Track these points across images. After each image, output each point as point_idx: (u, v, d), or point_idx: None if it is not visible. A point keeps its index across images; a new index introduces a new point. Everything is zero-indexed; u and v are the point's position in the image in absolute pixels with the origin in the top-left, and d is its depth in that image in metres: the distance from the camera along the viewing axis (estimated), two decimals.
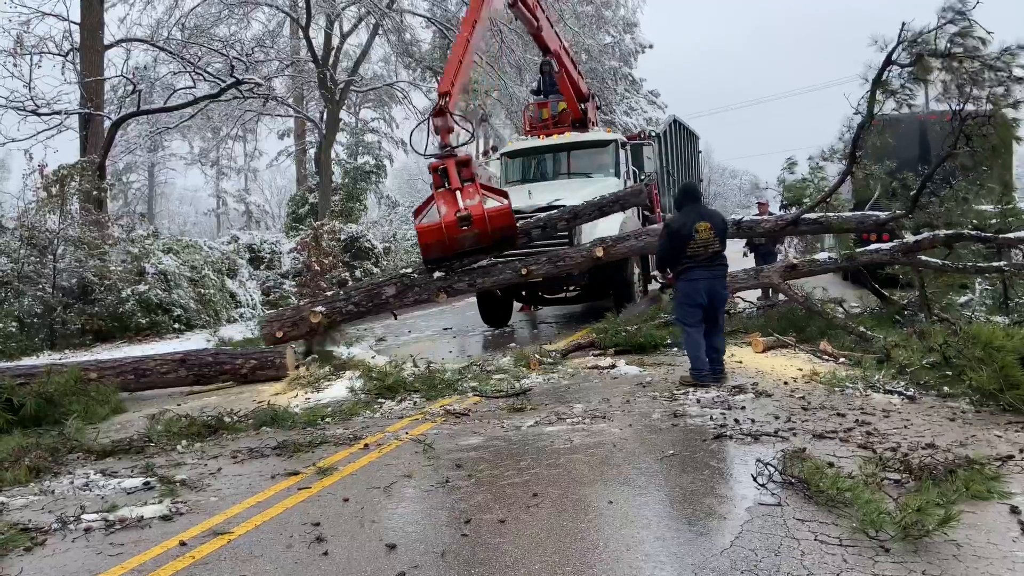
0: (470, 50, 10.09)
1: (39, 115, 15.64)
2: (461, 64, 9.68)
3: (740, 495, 4.02)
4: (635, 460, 4.76)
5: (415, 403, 6.90)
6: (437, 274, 9.14)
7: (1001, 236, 8.03)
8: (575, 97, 13.61)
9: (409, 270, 9.58)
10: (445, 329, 13.21)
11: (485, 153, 34.71)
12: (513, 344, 10.24)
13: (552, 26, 13.17)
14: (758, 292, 12.58)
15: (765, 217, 11.89)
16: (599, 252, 9.23)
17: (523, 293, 12.64)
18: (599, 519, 3.82)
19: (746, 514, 3.75)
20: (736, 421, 5.46)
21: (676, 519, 3.77)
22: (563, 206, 10.85)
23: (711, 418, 5.60)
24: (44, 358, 10.93)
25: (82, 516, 4.28)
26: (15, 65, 15.36)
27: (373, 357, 8.89)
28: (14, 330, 12.01)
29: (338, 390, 7.49)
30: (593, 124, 13.54)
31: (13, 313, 12.35)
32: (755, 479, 4.15)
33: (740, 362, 7.72)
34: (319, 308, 8.89)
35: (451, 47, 9.88)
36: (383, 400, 7.04)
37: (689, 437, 5.16)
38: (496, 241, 8.72)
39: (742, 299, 10.72)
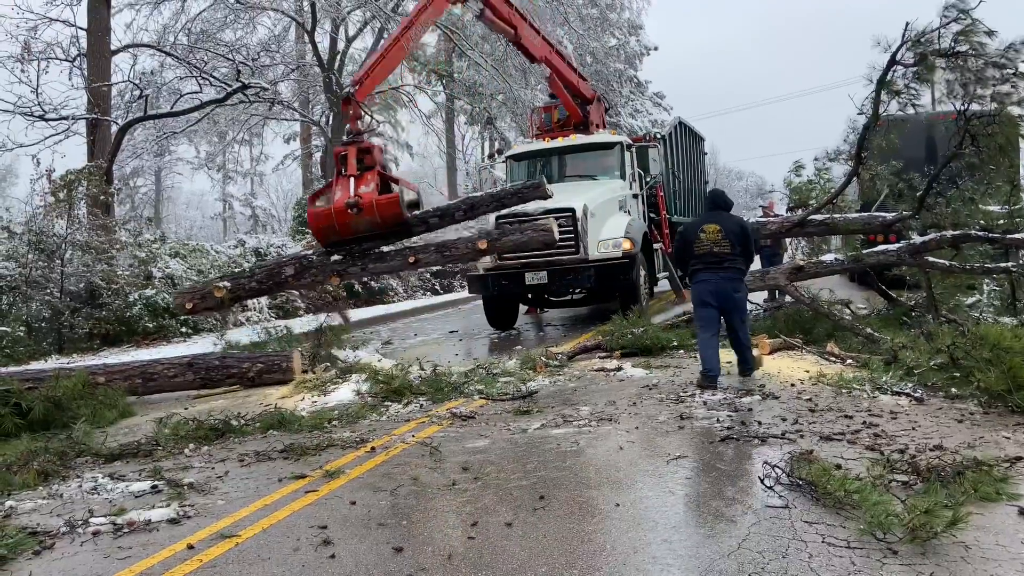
0: (397, 50, 10.21)
1: (46, 120, 15.74)
2: (383, 60, 9.82)
3: (747, 497, 4.01)
4: (641, 462, 4.76)
5: (421, 406, 6.91)
6: (335, 257, 9.25)
7: (1009, 236, 8.00)
8: (576, 99, 13.61)
9: (309, 252, 9.72)
10: (451, 332, 13.22)
11: (490, 156, 34.76)
12: (519, 347, 10.24)
13: (538, 31, 12.75)
14: (764, 294, 12.58)
15: (771, 219, 11.89)
16: (482, 245, 9.30)
17: (529, 296, 12.64)
18: (606, 522, 3.81)
19: (753, 516, 3.74)
20: (743, 423, 5.45)
21: (683, 522, 3.76)
22: (571, 209, 10.88)
23: (718, 420, 5.59)
24: (52, 362, 10.98)
25: (90, 520, 4.30)
26: (23, 71, 15.47)
27: (379, 360, 8.90)
28: (22, 334, 12.06)
29: (344, 393, 7.50)
30: (599, 127, 13.53)
31: (21, 318, 12.41)
32: (762, 481, 4.14)
33: None
34: (224, 283, 9.29)
35: (384, 49, 10.12)
36: (389, 403, 7.05)
37: (696, 439, 5.15)
38: (390, 229, 8.83)
39: (748, 301, 10.69)
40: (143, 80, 18.15)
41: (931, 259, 8.52)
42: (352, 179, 8.68)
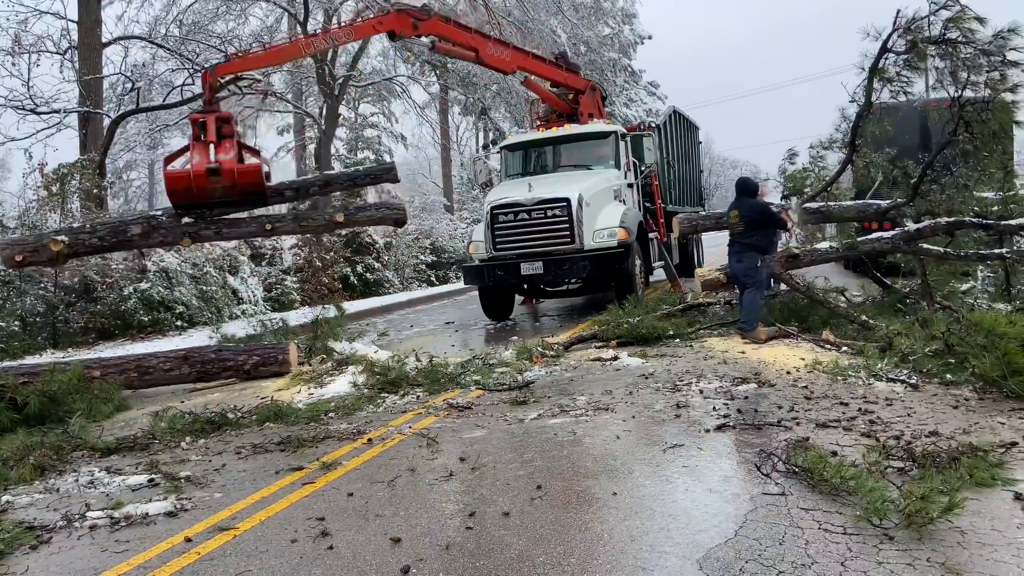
0: (292, 49, 10.51)
1: (38, 114, 15.63)
2: (269, 52, 10.10)
3: (744, 485, 4.02)
4: (638, 451, 4.77)
5: (418, 397, 6.91)
6: (186, 219, 9.25)
7: (1003, 223, 8.00)
8: (569, 92, 13.57)
9: (159, 212, 9.67)
10: (447, 323, 13.22)
11: (485, 147, 34.68)
12: (515, 337, 10.23)
13: (501, 42, 12.56)
14: None
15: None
16: (340, 217, 9.48)
17: (525, 286, 12.64)
18: (603, 510, 3.82)
19: (750, 504, 3.75)
20: (739, 411, 5.46)
21: (680, 510, 3.77)
22: (566, 198, 10.86)
23: (714, 408, 5.60)
24: (47, 357, 10.94)
25: (87, 514, 4.30)
26: (13, 64, 15.36)
27: (375, 352, 8.89)
28: (17, 329, 12.01)
29: (341, 385, 7.49)
30: (594, 116, 13.49)
31: (15, 312, 12.35)
32: (759, 469, 4.15)
33: (743, 352, 7.71)
34: (61, 237, 8.96)
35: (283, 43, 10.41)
36: (386, 395, 7.05)
37: (692, 428, 5.16)
38: (246, 196, 8.97)
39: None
40: (135, 72, 18.02)
41: (926, 246, 8.52)
42: (212, 145, 8.78)
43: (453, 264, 24.39)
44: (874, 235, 9.59)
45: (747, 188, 8.60)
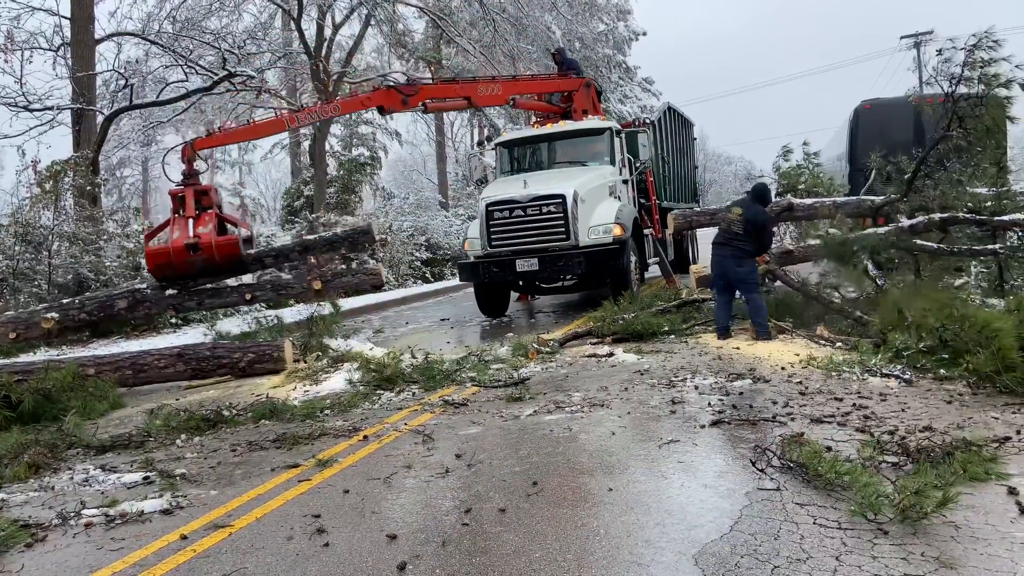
0: (273, 124, 10.74)
1: (31, 111, 15.54)
2: (249, 129, 10.43)
3: (739, 480, 4.03)
4: (634, 447, 4.78)
5: (414, 394, 6.91)
6: (169, 291, 9.56)
7: (996, 219, 8.03)
8: (562, 94, 13.67)
9: (143, 285, 10.02)
10: (442, 320, 13.21)
11: (480, 143, 34.62)
12: (511, 334, 10.24)
13: (490, 81, 12.87)
14: None
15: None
16: (317, 285, 9.64)
17: (520, 283, 12.63)
18: (599, 507, 3.83)
19: (745, 499, 3.77)
20: (734, 407, 5.48)
21: (676, 505, 3.78)
22: (561, 195, 10.86)
23: (709, 404, 5.62)
24: (41, 354, 10.89)
25: (82, 511, 4.29)
26: (6, 61, 15.29)
27: (371, 349, 8.88)
28: None
29: (337, 382, 7.49)
30: (588, 113, 13.49)
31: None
32: (754, 464, 4.16)
33: (737, 348, 7.73)
34: (52, 315, 9.41)
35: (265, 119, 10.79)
36: (382, 391, 7.05)
37: (688, 424, 5.17)
38: (226, 267, 9.25)
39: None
40: (128, 69, 17.92)
41: (920, 242, 8.55)
42: (190, 220, 9.06)
43: (448, 261, 24.36)
44: (868, 231, 9.62)
45: (762, 196, 8.45)
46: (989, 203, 8.45)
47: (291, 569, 3.38)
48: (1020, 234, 8.42)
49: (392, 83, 11.44)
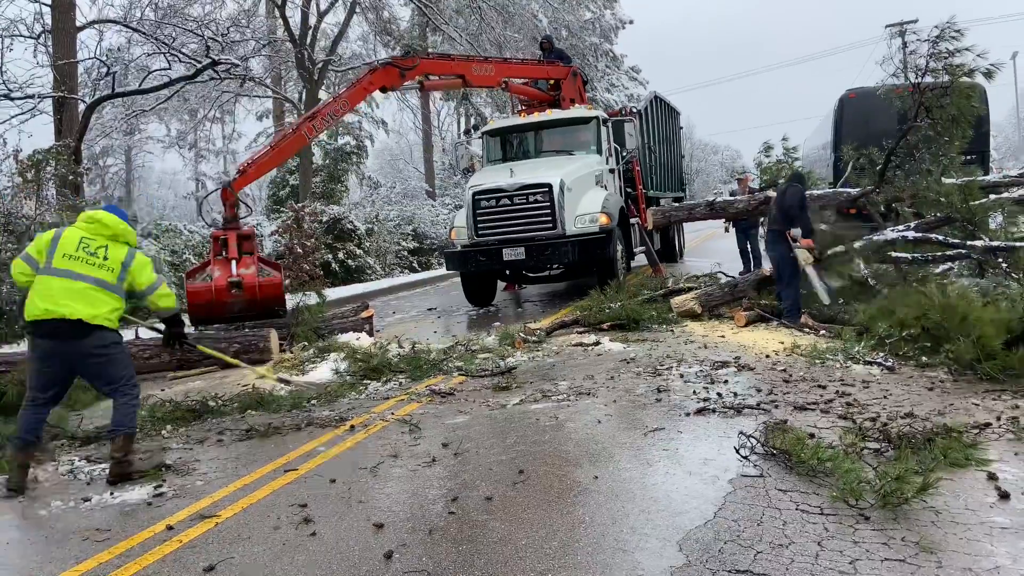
0: (295, 141, 10.50)
1: (12, 99, 15.30)
2: (274, 153, 10.20)
3: (723, 467, 4.07)
4: (620, 435, 4.81)
5: (400, 384, 6.91)
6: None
7: (968, 243, 8.02)
8: (550, 82, 13.66)
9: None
10: (429, 309, 13.20)
11: (467, 132, 34.46)
12: (498, 323, 10.25)
13: (484, 60, 12.76)
14: (739, 266, 12.71)
15: (739, 197, 12.01)
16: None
17: (507, 272, 12.63)
18: (584, 494, 3.86)
19: (729, 486, 3.80)
20: (719, 395, 5.52)
21: (661, 493, 3.81)
22: (547, 184, 10.84)
23: (694, 392, 5.65)
24: (24, 346, 10.80)
25: (68, 503, 4.27)
26: None
27: (358, 339, 8.86)
28: None
29: (323, 372, 7.46)
30: (575, 102, 13.46)
31: None
32: (737, 451, 4.20)
33: (723, 336, 7.78)
34: None
35: (281, 138, 10.50)
36: (368, 381, 7.04)
37: (673, 411, 5.21)
38: (266, 308, 9.31)
39: (724, 274, 10.79)
40: (110, 57, 17.72)
41: (895, 254, 8.51)
42: (233, 261, 9.19)
43: (435, 250, 24.31)
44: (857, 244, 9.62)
45: (795, 183, 8.48)
46: (954, 195, 8.40)
47: (278, 559, 3.38)
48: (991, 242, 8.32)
49: (388, 59, 11.25)
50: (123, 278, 4.69)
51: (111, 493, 4.42)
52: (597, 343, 7.88)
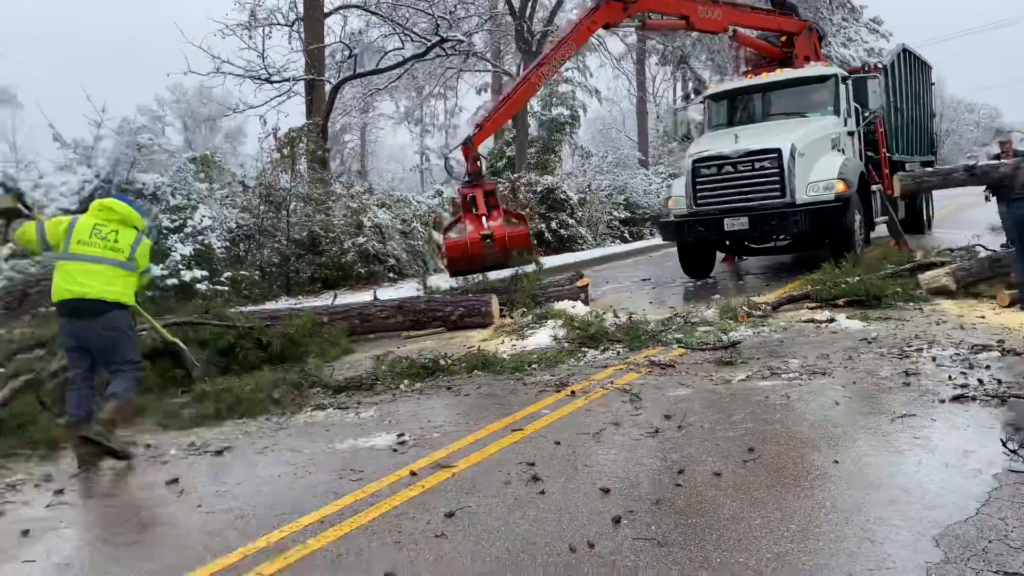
0: (526, 90, 10.51)
1: (272, 83, 17.23)
2: (508, 103, 10.24)
3: (986, 460, 3.63)
4: (861, 420, 4.45)
5: (618, 353, 6.91)
6: None
7: None
8: (780, 37, 12.72)
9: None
10: (643, 280, 13.05)
11: (685, 97, 33.47)
12: (717, 296, 9.89)
13: (711, 2, 11.64)
14: (1001, 237, 11.16)
15: (1004, 162, 10.43)
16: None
17: (727, 243, 12.13)
18: (823, 479, 3.62)
19: (993, 481, 3.40)
20: (980, 381, 4.92)
21: (912, 483, 3.48)
22: (776, 149, 10.21)
23: (949, 377, 5.08)
24: (282, 303, 12.21)
25: (330, 445, 4.78)
26: (250, 37, 17.01)
27: (573, 307, 8.98)
28: (257, 278, 13.50)
29: (542, 338, 7.67)
30: (810, 59, 12.49)
31: (255, 263, 13.88)
32: (1004, 444, 3.73)
33: (982, 317, 6.93)
34: None
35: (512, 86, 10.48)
36: (586, 349, 7.11)
37: (924, 397, 4.72)
38: (514, 255, 9.94)
39: (983, 247, 9.57)
40: (352, 40, 19.28)
41: None
42: (483, 217, 9.75)
43: (647, 220, 23.95)
44: None
45: None
46: None
47: (511, 512, 3.54)
48: None
49: None
50: (132, 257, 5.04)
51: (356, 438, 4.87)
52: (831, 320, 7.33)
